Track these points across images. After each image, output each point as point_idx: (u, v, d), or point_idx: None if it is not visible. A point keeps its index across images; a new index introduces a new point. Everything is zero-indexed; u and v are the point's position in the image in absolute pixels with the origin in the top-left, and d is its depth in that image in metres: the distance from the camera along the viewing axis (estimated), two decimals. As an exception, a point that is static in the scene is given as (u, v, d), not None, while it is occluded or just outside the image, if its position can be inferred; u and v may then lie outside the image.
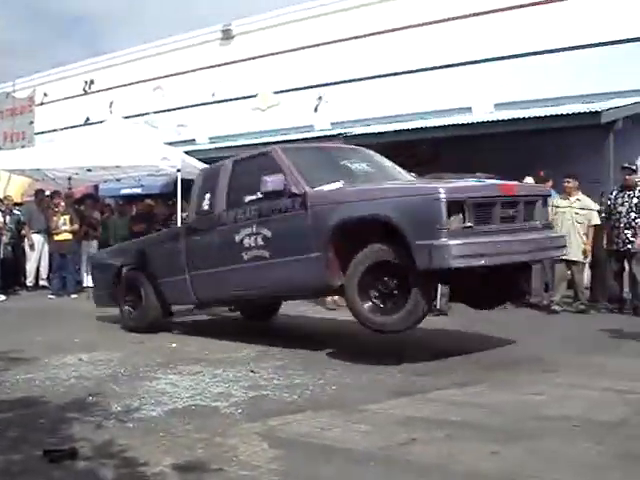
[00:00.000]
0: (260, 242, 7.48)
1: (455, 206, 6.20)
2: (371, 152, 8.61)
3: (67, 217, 13.84)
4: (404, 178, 8.15)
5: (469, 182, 7.12)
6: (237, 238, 7.71)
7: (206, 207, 8.29)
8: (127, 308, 9.27)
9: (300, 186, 7.19)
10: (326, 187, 7.25)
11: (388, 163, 8.43)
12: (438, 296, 9.64)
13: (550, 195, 7.72)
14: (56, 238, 13.73)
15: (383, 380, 6.11)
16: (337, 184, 7.30)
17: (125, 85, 22.90)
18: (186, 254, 8.45)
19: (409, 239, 6.17)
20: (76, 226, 13.96)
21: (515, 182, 7.33)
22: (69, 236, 13.69)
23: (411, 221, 6.22)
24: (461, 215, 6.23)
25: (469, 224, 6.26)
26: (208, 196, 8.29)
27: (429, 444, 4.32)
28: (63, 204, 14.12)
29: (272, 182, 7.21)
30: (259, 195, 7.50)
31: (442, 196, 6.14)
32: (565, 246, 7.79)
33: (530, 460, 4.05)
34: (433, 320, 9.29)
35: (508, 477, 3.79)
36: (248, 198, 7.73)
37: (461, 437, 4.45)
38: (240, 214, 7.75)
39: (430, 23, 16.70)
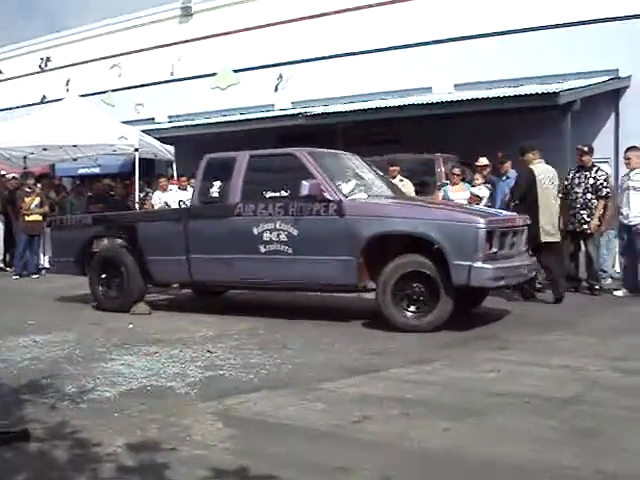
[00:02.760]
0: (283, 238, 7.95)
1: (488, 234, 7.15)
2: (360, 159, 9.27)
3: (38, 199, 13.67)
4: (395, 187, 9.38)
5: (495, 214, 8.19)
6: (255, 231, 8.10)
7: (215, 195, 8.53)
8: (102, 289, 9.23)
9: (335, 194, 7.79)
10: (356, 197, 7.91)
11: (379, 172, 9.37)
12: None
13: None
14: (27, 219, 13.52)
15: (339, 359, 6.14)
16: (363, 194, 8.03)
17: (82, 63, 22.52)
18: (188, 237, 8.61)
19: (449, 258, 7.04)
20: (47, 208, 13.77)
21: (515, 214, 8.31)
22: (40, 218, 13.47)
23: (452, 243, 7.09)
24: (489, 243, 7.15)
25: (495, 250, 7.23)
26: (218, 184, 8.53)
27: (382, 421, 4.36)
28: (40, 185, 14.02)
29: (310, 187, 7.68)
30: (283, 193, 8.08)
31: (482, 226, 7.13)
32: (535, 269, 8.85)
33: (482, 435, 4.12)
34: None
35: (460, 453, 3.84)
36: (270, 194, 8.17)
37: (414, 414, 4.50)
38: (261, 209, 8.12)
39: (391, 3, 16.67)
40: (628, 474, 3.52)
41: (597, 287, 10.05)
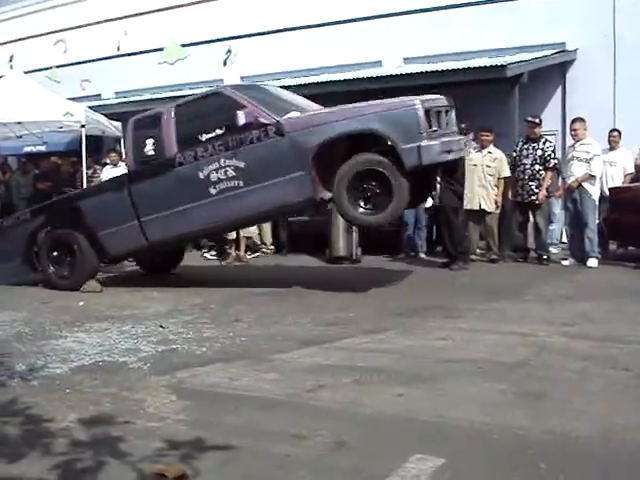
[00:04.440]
0: (231, 173, 7.91)
1: (426, 113, 7.30)
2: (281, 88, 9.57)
3: None
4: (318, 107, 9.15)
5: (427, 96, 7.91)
6: (201, 175, 8.05)
7: (151, 153, 8.40)
8: (53, 269, 9.04)
9: (270, 116, 7.81)
10: (289, 115, 7.90)
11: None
12: (354, 245, 10.49)
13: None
14: None
15: (292, 331, 6.17)
16: (295, 113, 8.01)
17: (26, 38, 21.96)
18: (134, 201, 8.47)
19: (397, 145, 7.20)
20: None
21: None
22: None
23: (397, 130, 7.24)
24: (428, 122, 7.31)
25: (435, 128, 7.41)
26: (151, 142, 8.40)
27: (336, 389, 4.40)
28: None
29: (246, 115, 7.71)
30: (219, 132, 8.04)
31: (419, 106, 7.26)
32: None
33: (434, 400, 4.18)
34: (340, 271, 9.47)
35: (413, 417, 3.89)
36: (206, 136, 8.12)
37: (368, 382, 4.55)
38: (201, 152, 8.07)
39: (339, -24, 16.56)
40: (576, 433, 3.60)
41: (545, 257, 10.22)
